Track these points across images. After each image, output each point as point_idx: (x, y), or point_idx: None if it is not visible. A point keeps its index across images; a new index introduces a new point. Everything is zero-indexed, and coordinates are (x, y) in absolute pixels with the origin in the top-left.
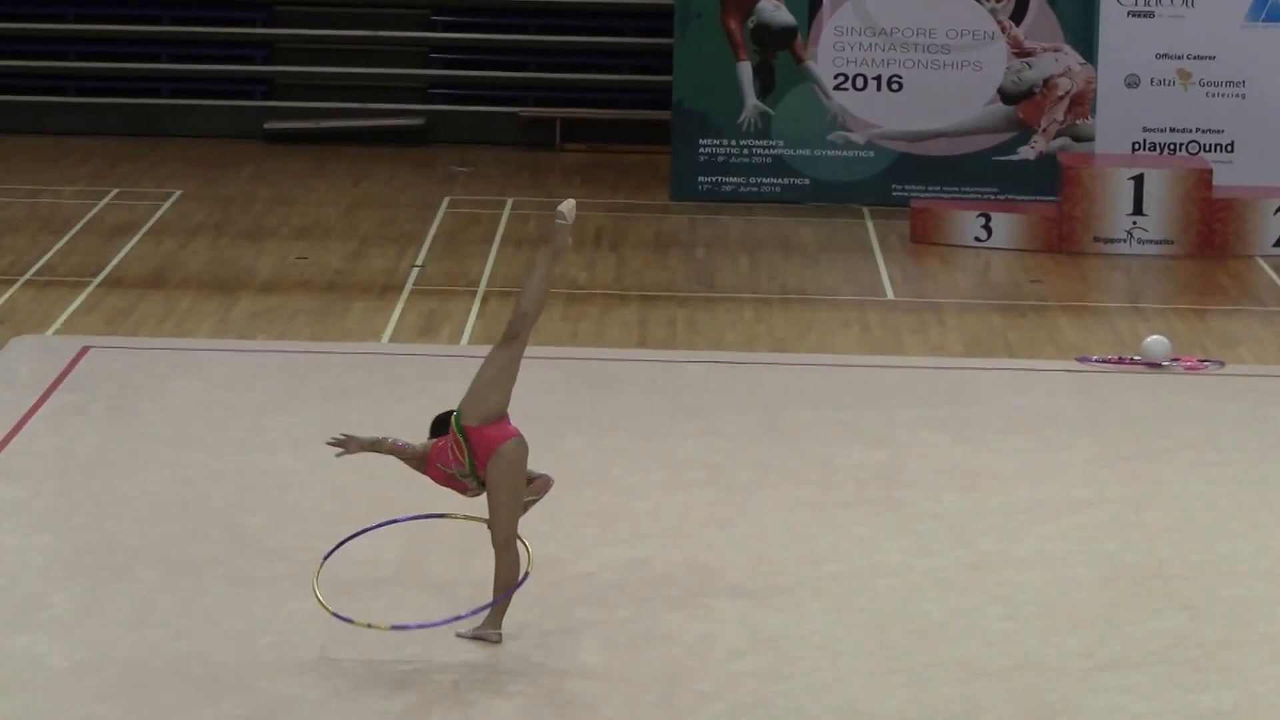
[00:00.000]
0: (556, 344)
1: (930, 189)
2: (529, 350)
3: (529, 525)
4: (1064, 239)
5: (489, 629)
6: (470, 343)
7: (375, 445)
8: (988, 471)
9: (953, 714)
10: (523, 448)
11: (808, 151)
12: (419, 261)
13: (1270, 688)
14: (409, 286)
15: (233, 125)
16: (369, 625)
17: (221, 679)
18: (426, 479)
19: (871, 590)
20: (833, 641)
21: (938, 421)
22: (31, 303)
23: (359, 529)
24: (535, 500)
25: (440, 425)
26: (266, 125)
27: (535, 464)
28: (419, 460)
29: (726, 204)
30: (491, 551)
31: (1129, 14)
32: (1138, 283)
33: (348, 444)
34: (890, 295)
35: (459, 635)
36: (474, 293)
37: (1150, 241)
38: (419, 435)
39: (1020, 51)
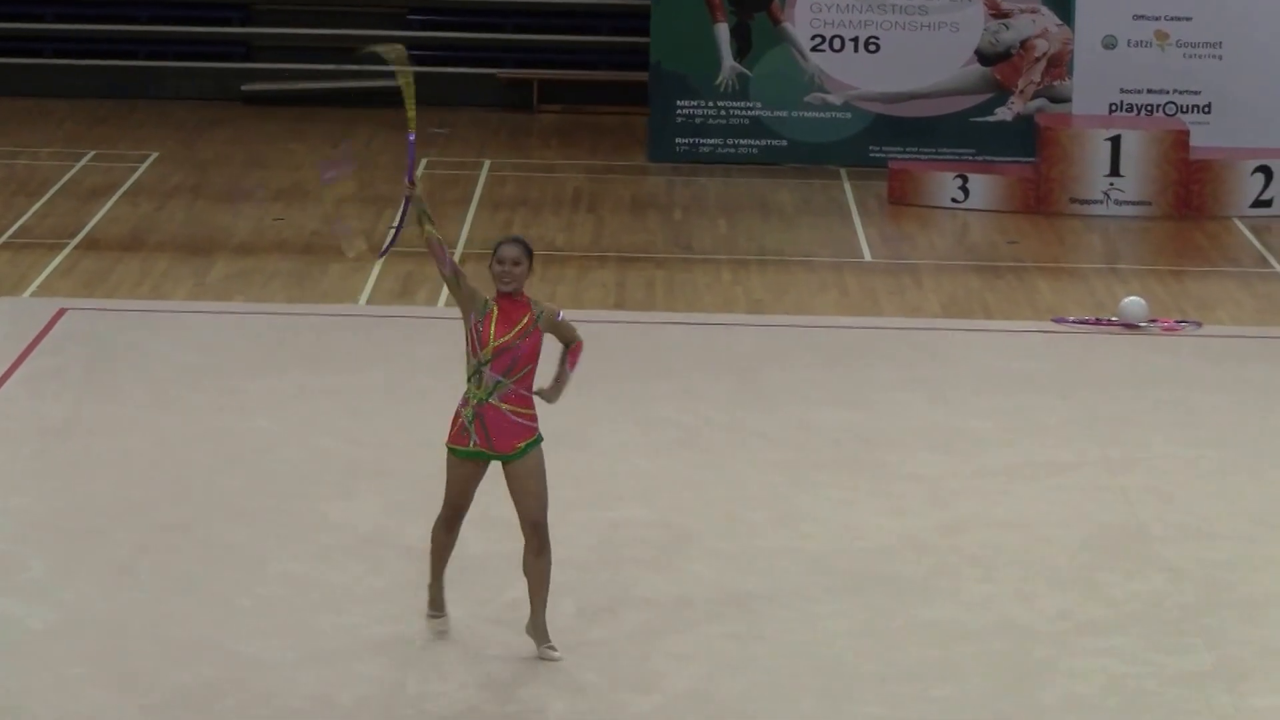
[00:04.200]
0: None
1: (908, 150)
2: None
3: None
4: (1041, 200)
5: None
6: (447, 305)
7: (425, 221)
8: (965, 433)
9: (931, 676)
10: None
11: (785, 113)
12: (396, 223)
13: (1249, 650)
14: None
15: (210, 87)
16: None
17: (199, 642)
18: (403, 454)
19: (849, 552)
20: (810, 603)
21: (915, 383)
22: (8, 265)
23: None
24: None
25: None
26: (244, 87)
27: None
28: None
29: (704, 165)
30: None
31: None
32: (1115, 244)
33: (410, 193)
34: (867, 257)
35: None
36: (451, 254)
37: (1127, 203)
38: (397, 402)
39: (997, 13)
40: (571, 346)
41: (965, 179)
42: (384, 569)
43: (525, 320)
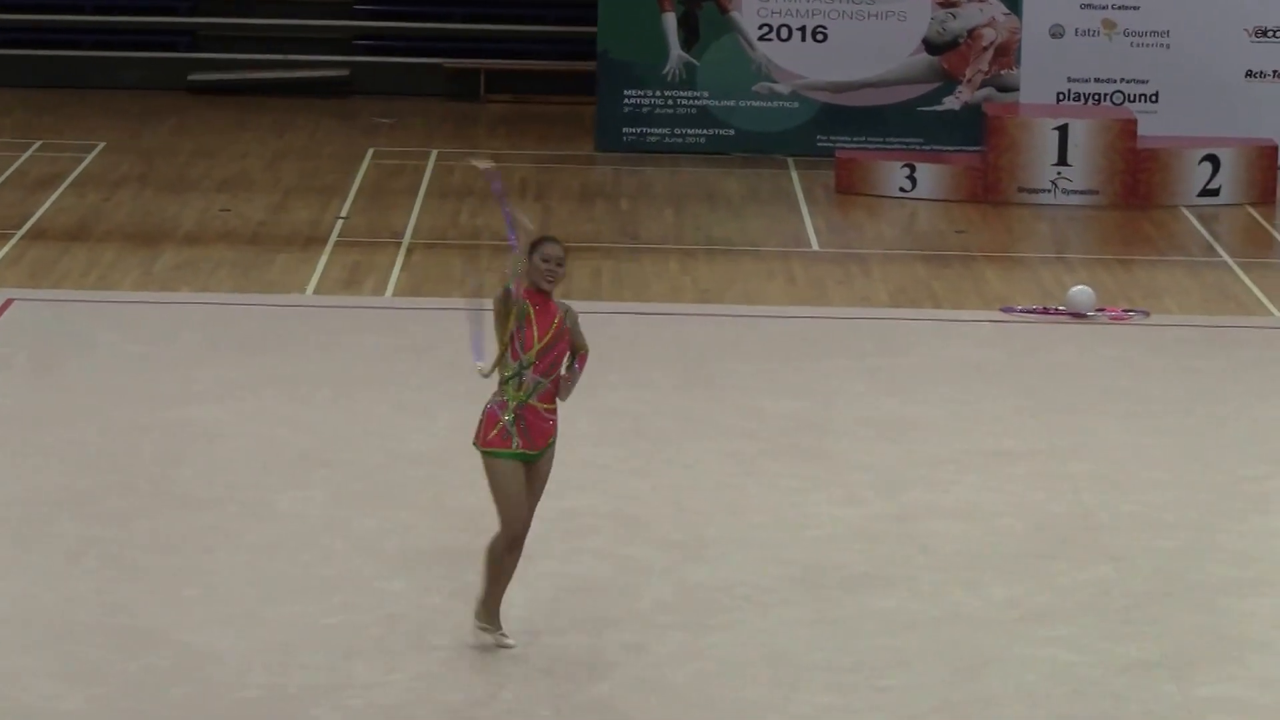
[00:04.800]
0: (482, 295)
1: (855, 139)
2: (452, 301)
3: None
4: (989, 189)
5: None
6: (395, 294)
7: (518, 226)
8: (914, 422)
9: (880, 664)
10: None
11: (732, 102)
12: (343, 213)
13: (1197, 638)
14: (333, 238)
15: (157, 77)
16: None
17: (147, 632)
18: (352, 443)
19: (798, 541)
20: (760, 592)
21: (864, 372)
22: None
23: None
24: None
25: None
26: (190, 77)
27: (466, 414)
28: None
29: (651, 155)
30: None
31: None
32: (1062, 233)
33: (494, 176)
34: (815, 246)
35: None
36: (398, 244)
37: (1075, 192)
38: (345, 391)
39: (945, 2)
40: (580, 354)
41: (913, 168)
42: (332, 559)
43: (557, 320)
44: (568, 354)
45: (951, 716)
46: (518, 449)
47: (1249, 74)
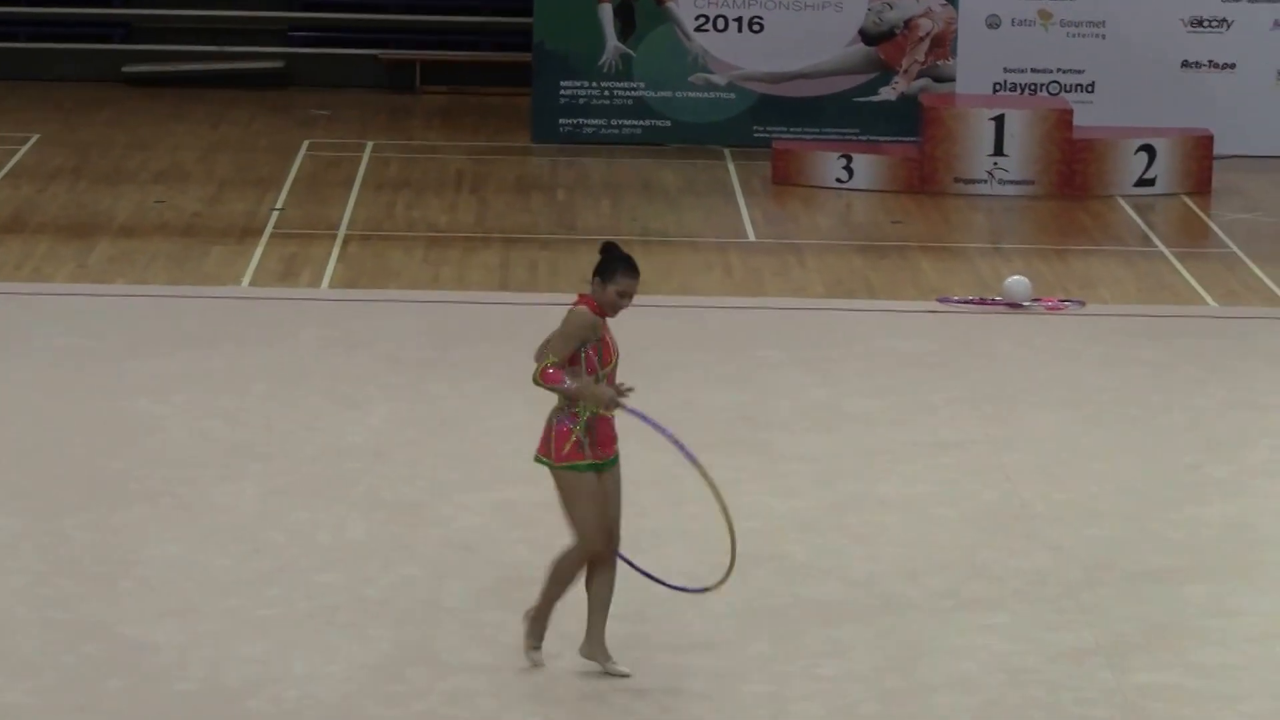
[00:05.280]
0: (418, 288)
1: (791, 130)
2: (388, 293)
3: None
4: (925, 180)
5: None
6: (331, 286)
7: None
8: (850, 413)
9: (817, 654)
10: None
11: (669, 93)
12: (279, 205)
13: (1131, 626)
14: (269, 230)
15: (91, 69)
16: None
17: (84, 624)
18: (288, 436)
19: (736, 530)
20: (694, 581)
21: (800, 363)
22: None
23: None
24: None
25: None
26: (125, 69)
27: (402, 406)
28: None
29: (588, 146)
30: None
31: None
32: (998, 223)
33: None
34: (752, 237)
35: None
36: (334, 236)
37: (1011, 182)
38: (281, 384)
39: None
40: None
41: (849, 159)
42: (268, 551)
43: (613, 341)
44: None
45: (888, 705)
46: (589, 459)
47: (1185, 64)
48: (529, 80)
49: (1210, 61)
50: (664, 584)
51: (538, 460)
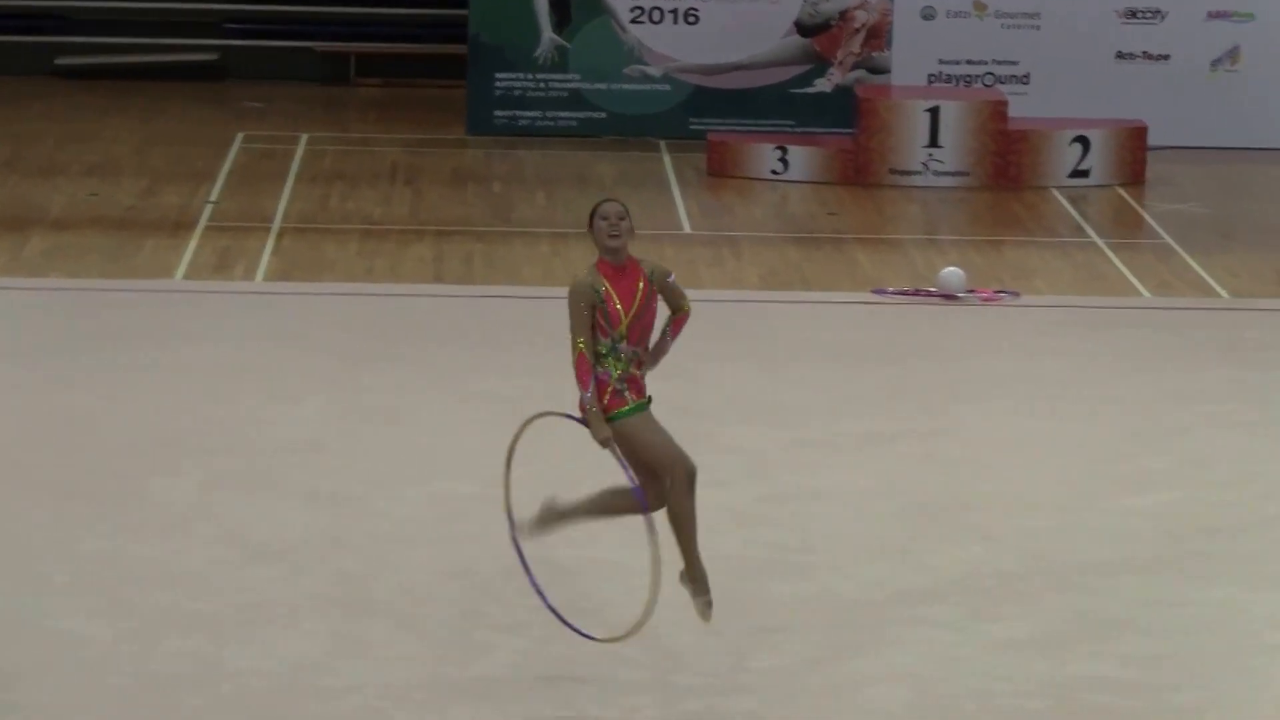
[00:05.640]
0: (352, 280)
1: (727, 122)
2: (323, 286)
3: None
4: (860, 171)
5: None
6: (265, 279)
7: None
8: (785, 404)
9: (751, 646)
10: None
11: (604, 85)
12: (213, 198)
13: (1064, 616)
14: (203, 223)
15: (24, 61)
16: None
17: (15, 620)
18: (222, 429)
19: (667, 523)
20: (628, 574)
21: (735, 354)
22: None
23: None
24: None
25: None
26: (58, 61)
27: (337, 399)
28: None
29: (523, 138)
30: None
31: None
32: (933, 214)
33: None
34: (687, 229)
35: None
36: (269, 229)
37: (946, 173)
38: (216, 377)
39: None
40: (678, 316)
41: (784, 150)
42: (203, 545)
43: (642, 286)
44: (670, 304)
45: (823, 697)
46: (634, 402)
47: (1119, 55)
48: (464, 72)
49: (1144, 53)
50: (566, 624)
51: (580, 421)
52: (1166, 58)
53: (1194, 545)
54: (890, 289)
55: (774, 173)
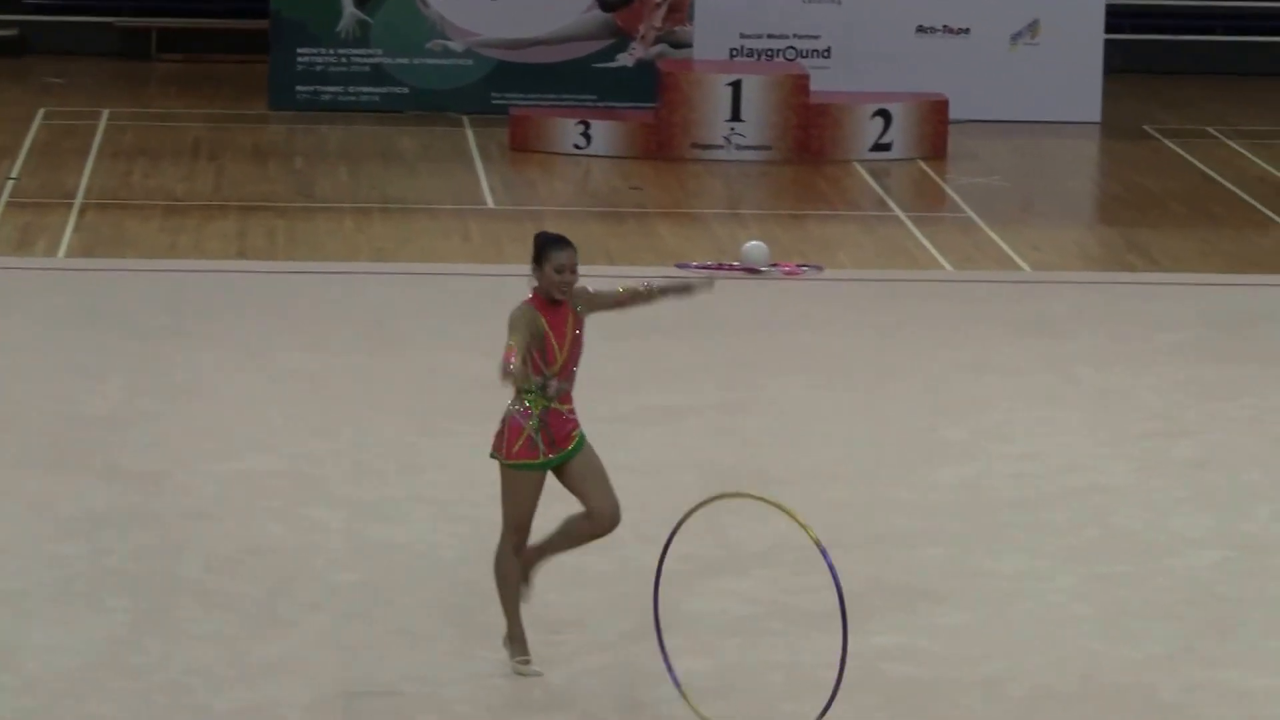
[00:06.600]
0: (154, 257)
1: (529, 97)
2: (125, 262)
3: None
4: (662, 145)
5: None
6: (68, 255)
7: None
8: (588, 378)
9: (556, 620)
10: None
11: (406, 60)
12: (14, 174)
13: (868, 588)
14: (3, 199)
15: None
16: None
17: None
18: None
19: (474, 498)
20: (435, 549)
21: None
22: None
23: None
24: None
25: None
26: None
27: (141, 376)
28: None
29: (325, 113)
30: None
31: None
32: (736, 188)
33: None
34: (490, 204)
35: None
36: (70, 205)
37: (748, 147)
38: (21, 352)
39: None
40: (640, 298)
41: (587, 125)
42: (5, 522)
43: (571, 321)
44: (629, 300)
45: (627, 671)
46: (544, 458)
47: (920, 29)
48: (266, 48)
49: (945, 26)
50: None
51: (491, 455)
52: (967, 31)
53: (996, 517)
54: (693, 263)
55: (576, 147)
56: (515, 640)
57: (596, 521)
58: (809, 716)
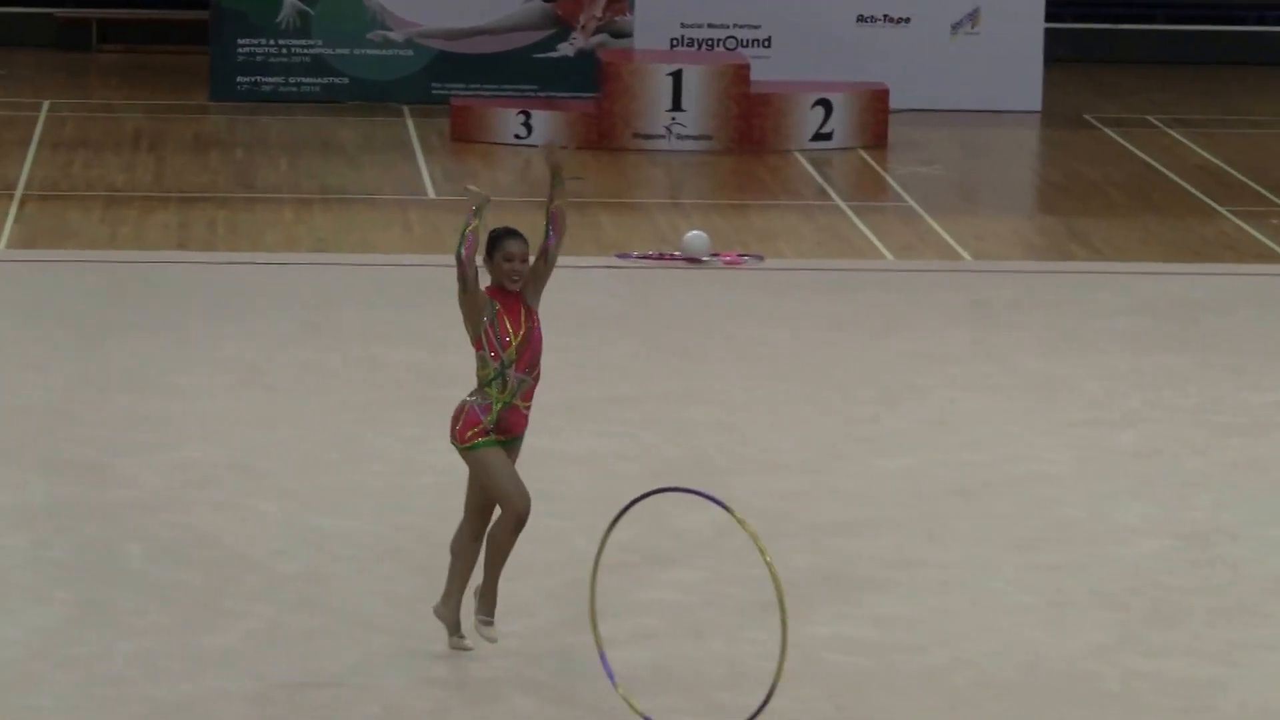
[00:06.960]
0: (95, 248)
1: (470, 87)
2: (66, 254)
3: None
4: (603, 135)
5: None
6: (8, 246)
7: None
8: None
9: (500, 610)
10: None
11: (347, 50)
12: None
13: (812, 578)
14: None
15: None
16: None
17: None
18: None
19: (414, 488)
20: (377, 540)
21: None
22: None
23: None
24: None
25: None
26: None
27: (82, 366)
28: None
29: (266, 104)
30: None
31: None
32: (677, 178)
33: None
34: (431, 194)
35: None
36: (11, 196)
37: (689, 137)
38: None
39: None
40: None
41: (528, 115)
42: None
43: (524, 314)
44: (545, 249)
45: (568, 661)
46: (493, 438)
47: (860, 18)
48: (206, 38)
49: (885, 15)
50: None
51: (453, 444)
52: (907, 20)
53: (939, 506)
54: (635, 253)
55: (517, 137)
56: (486, 603)
57: (507, 508)
58: (749, 707)
